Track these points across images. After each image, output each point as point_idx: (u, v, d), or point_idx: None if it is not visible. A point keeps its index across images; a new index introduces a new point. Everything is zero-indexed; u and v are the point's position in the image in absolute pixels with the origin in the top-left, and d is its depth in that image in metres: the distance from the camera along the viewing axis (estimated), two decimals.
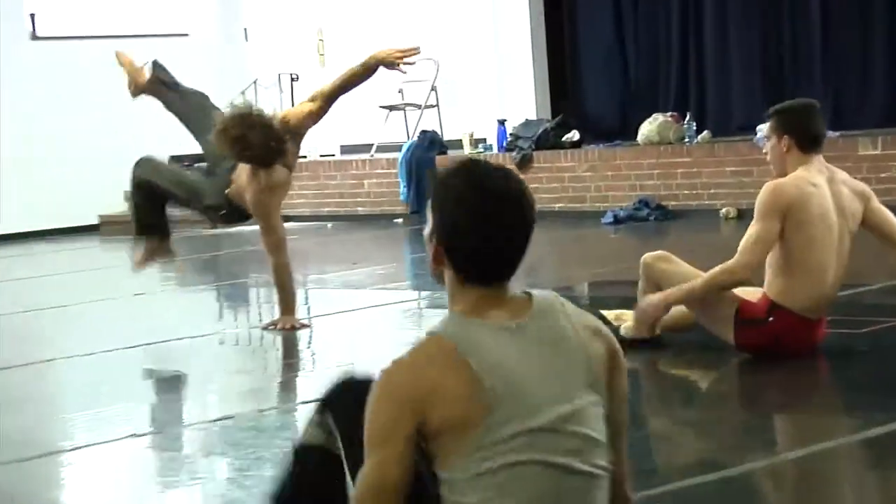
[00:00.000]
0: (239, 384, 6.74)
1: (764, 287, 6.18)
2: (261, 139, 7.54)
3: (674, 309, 6.41)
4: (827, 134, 6.30)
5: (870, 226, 6.23)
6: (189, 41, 16.89)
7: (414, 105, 15.14)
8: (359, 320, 8.39)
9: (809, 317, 6.14)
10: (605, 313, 6.45)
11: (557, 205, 13.24)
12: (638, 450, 3.86)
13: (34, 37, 16.03)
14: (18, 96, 15.66)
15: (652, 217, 12.67)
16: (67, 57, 15.93)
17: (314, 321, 8.33)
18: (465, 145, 14.48)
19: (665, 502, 4.26)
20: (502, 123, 14.25)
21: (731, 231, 11.18)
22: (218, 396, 6.37)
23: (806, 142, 6.14)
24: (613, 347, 2.95)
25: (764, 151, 6.41)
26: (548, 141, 13.81)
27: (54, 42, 16.03)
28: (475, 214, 2.86)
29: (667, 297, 6.27)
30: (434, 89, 15.10)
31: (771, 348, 6.13)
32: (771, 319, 6.12)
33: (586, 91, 15.20)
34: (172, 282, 8.67)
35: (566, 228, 12.08)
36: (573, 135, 13.91)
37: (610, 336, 2.97)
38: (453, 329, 2.85)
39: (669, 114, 13.53)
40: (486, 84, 15.12)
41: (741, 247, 6.08)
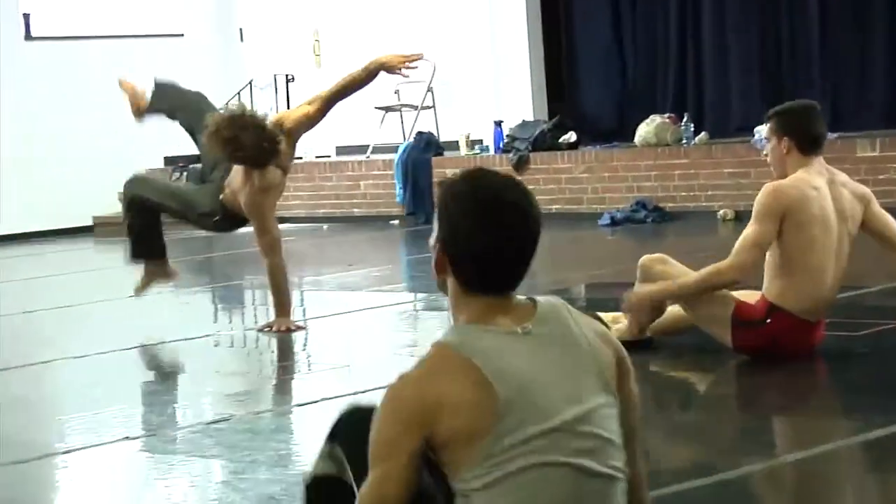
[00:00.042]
0: (234, 386, 6.72)
1: (763, 289, 6.16)
2: (253, 140, 7.53)
3: (669, 311, 6.39)
4: (827, 135, 6.27)
5: (869, 229, 6.21)
6: (184, 41, 16.88)
7: (410, 106, 15.12)
8: (354, 322, 8.37)
9: (808, 319, 6.12)
10: (603, 316, 6.43)
11: (554, 206, 13.21)
12: None
13: (28, 37, 15.99)
14: (12, 97, 15.63)
15: (649, 219, 12.65)
16: (62, 57, 15.90)
17: (310, 323, 8.31)
18: (462, 147, 14.46)
19: None
20: (499, 125, 14.22)
21: (729, 233, 11.15)
22: (213, 398, 6.35)
23: (806, 143, 6.12)
24: (621, 353, 2.93)
25: (764, 154, 6.39)
26: (544, 142, 13.79)
27: (48, 42, 16.00)
28: (478, 223, 2.83)
29: (659, 291, 6.26)
30: (430, 90, 15.08)
31: (769, 350, 6.11)
32: (769, 321, 6.10)
33: (583, 92, 15.19)
34: (167, 284, 8.63)
35: (563, 230, 12.05)
36: (570, 136, 13.89)
37: (617, 342, 2.95)
38: (459, 337, 2.82)
39: (667, 115, 13.52)
40: (483, 85, 15.10)
41: (736, 247, 6.07)
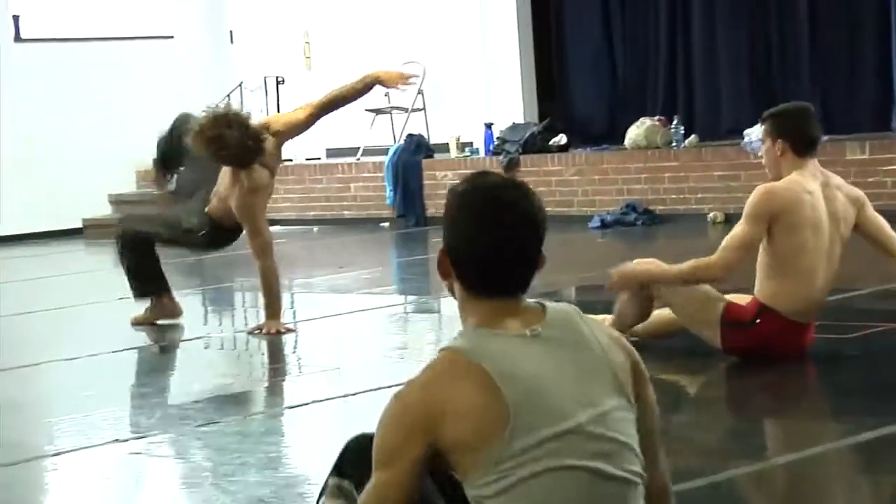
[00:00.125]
0: (224, 389, 6.71)
1: (755, 290, 6.17)
2: (237, 138, 7.59)
3: (658, 314, 6.38)
4: (821, 138, 6.28)
5: (863, 232, 6.21)
6: (174, 44, 16.86)
7: (400, 108, 15.11)
8: (345, 325, 8.37)
9: (798, 320, 6.13)
10: (591, 318, 6.42)
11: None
12: None
13: (18, 39, 15.96)
14: (1, 99, 15.58)
15: (639, 221, 12.66)
16: (52, 59, 15.87)
17: (300, 325, 8.30)
18: (452, 149, 14.45)
19: None
20: (489, 127, 14.22)
21: (719, 235, 11.06)
22: (203, 401, 6.34)
23: (800, 145, 6.13)
24: (635, 358, 2.90)
25: (759, 155, 6.39)
26: (535, 145, 13.80)
27: (38, 44, 15.97)
28: (477, 226, 2.82)
29: (644, 272, 6.27)
30: (421, 93, 15.07)
31: (758, 352, 6.11)
32: (758, 322, 6.10)
33: (574, 94, 15.19)
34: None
35: (553, 233, 11.84)
36: (560, 138, 13.89)
37: (631, 347, 2.92)
38: (467, 341, 2.78)
39: (657, 118, 13.52)
40: (473, 87, 15.09)
41: (724, 244, 6.08)
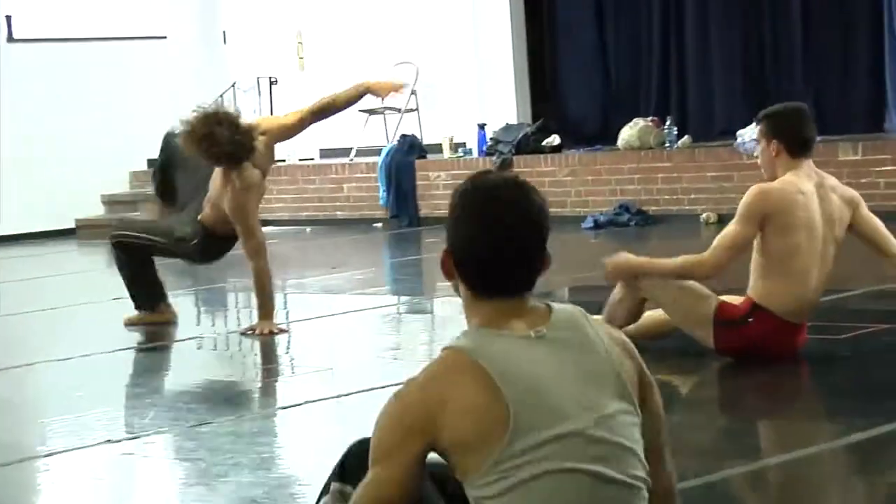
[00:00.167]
0: (217, 389, 6.70)
1: (748, 289, 6.18)
2: (228, 135, 7.65)
3: (651, 316, 6.38)
4: (816, 138, 6.28)
5: (858, 233, 6.22)
6: (167, 44, 16.84)
7: (393, 109, 15.10)
8: (338, 325, 8.36)
9: (790, 320, 6.13)
10: None
11: None
12: None
13: (10, 39, 15.94)
14: None
15: (632, 222, 12.66)
16: (44, 60, 15.84)
17: (293, 326, 8.30)
18: (445, 149, 14.45)
19: None
20: (482, 127, 14.22)
21: (712, 236, 11.00)
22: (196, 401, 6.33)
23: (795, 146, 6.13)
24: (641, 365, 2.87)
25: (754, 155, 6.40)
26: (528, 145, 13.79)
27: (31, 45, 15.94)
28: (479, 227, 2.78)
29: (637, 263, 6.29)
30: (414, 93, 15.07)
31: (751, 351, 6.12)
32: (751, 320, 6.11)
33: (567, 95, 15.18)
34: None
35: None
36: (553, 139, 13.89)
37: (636, 354, 2.88)
38: (469, 341, 2.76)
39: (650, 118, 13.52)
40: (466, 88, 15.09)
41: (716, 243, 6.10)
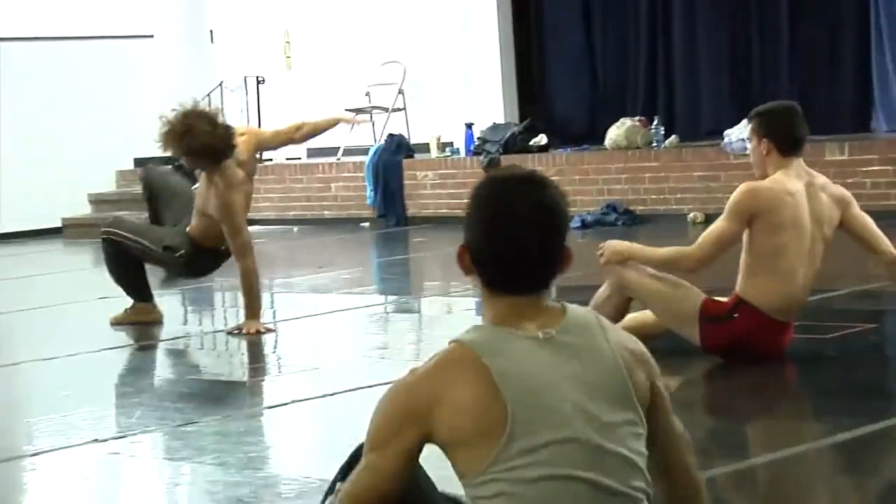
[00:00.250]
0: (204, 389, 6.69)
1: (736, 287, 6.19)
2: (207, 129, 7.74)
3: (635, 318, 6.37)
4: (807, 137, 6.29)
5: (849, 231, 6.23)
6: (154, 43, 16.82)
7: (381, 108, 15.10)
8: (325, 325, 8.36)
9: (777, 318, 6.13)
10: None
11: None
12: None
13: None
14: None
15: (620, 222, 12.66)
16: (30, 59, 15.80)
17: (280, 325, 8.30)
18: (433, 149, 14.45)
19: None
20: (470, 127, 14.22)
21: (699, 236, 11.14)
22: (182, 401, 6.32)
23: (786, 145, 6.14)
24: (655, 379, 2.83)
25: (746, 152, 6.41)
26: (515, 145, 13.80)
27: (16, 43, 15.89)
28: (492, 223, 2.78)
29: (629, 249, 6.30)
30: (401, 92, 15.07)
31: (737, 348, 6.12)
32: (736, 316, 6.12)
33: (554, 95, 15.18)
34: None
35: None
36: (541, 139, 13.89)
37: (652, 366, 2.85)
38: (476, 336, 2.75)
39: (637, 118, 13.53)
40: (454, 87, 15.09)
41: (701, 238, 6.13)
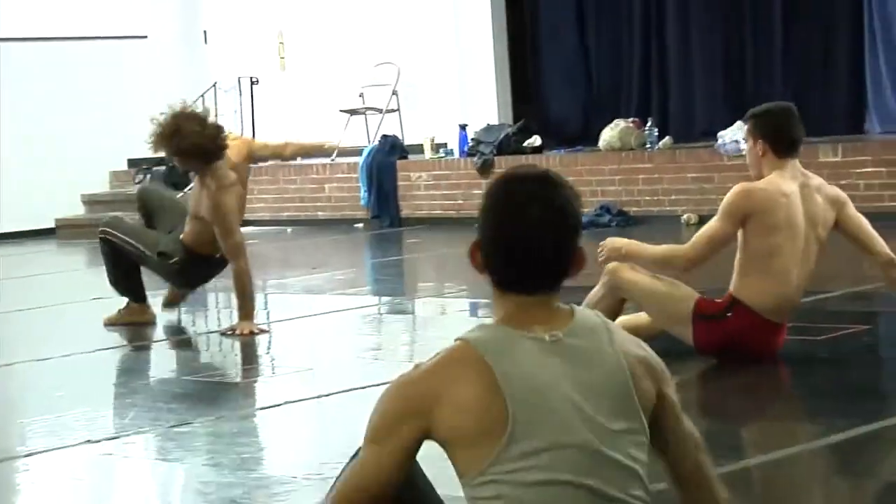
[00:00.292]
0: (197, 389, 6.68)
1: (730, 287, 6.20)
2: (196, 129, 7.79)
3: (629, 320, 6.38)
4: (803, 138, 6.30)
5: (844, 232, 6.24)
6: (148, 43, 16.81)
7: (375, 109, 15.10)
8: (318, 326, 8.36)
9: (770, 319, 6.14)
10: None
11: None
12: None
13: None
14: None
15: (613, 223, 12.66)
16: (24, 59, 15.79)
17: (273, 326, 8.29)
18: (427, 150, 14.45)
19: None
20: (463, 128, 14.22)
21: (692, 237, 11.16)
22: (176, 402, 6.32)
23: (781, 146, 6.14)
24: (664, 387, 2.83)
25: (742, 152, 6.42)
26: (509, 146, 13.80)
27: (10, 44, 15.88)
28: (501, 218, 2.77)
29: (627, 245, 6.32)
30: (395, 93, 15.07)
31: (730, 347, 6.13)
32: (729, 315, 6.12)
33: (548, 96, 15.19)
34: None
35: None
36: (535, 140, 13.90)
37: (662, 373, 2.85)
38: (482, 336, 2.74)
39: (631, 119, 13.53)
40: (448, 88, 15.08)
41: (695, 238, 6.15)
